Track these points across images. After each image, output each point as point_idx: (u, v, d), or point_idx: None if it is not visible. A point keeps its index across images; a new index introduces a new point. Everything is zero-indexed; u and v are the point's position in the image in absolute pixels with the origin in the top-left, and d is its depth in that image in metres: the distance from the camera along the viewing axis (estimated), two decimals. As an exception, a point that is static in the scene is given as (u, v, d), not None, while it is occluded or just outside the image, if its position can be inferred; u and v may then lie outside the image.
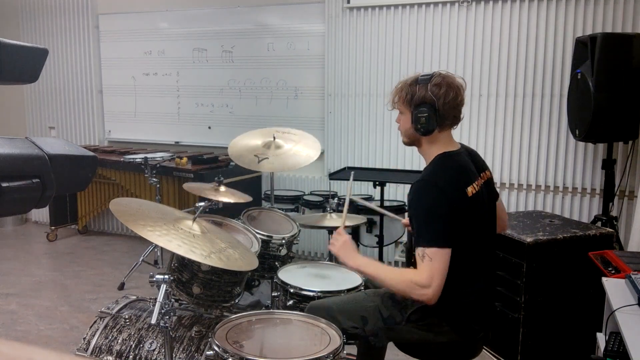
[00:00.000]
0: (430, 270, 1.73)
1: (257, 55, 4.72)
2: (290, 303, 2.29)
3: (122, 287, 4.00)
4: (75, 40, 5.47)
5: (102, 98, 5.50)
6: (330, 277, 2.51)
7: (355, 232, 3.78)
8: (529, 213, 3.25)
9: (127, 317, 2.11)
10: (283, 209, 3.43)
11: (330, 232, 3.30)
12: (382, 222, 3.54)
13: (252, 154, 3.11)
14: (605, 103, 3.15)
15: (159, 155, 4.31)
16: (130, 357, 2.00)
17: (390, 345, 2.07)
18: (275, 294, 2.42)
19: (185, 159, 4.39)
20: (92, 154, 1.03)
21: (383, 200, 3.53)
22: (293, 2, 4.54)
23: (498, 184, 2.04)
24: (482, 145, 4.04)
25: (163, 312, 1.74)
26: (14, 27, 5.67)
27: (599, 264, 2.41)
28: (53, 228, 5.26)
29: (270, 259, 2.78)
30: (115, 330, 2.08)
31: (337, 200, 3.65)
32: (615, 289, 2.04)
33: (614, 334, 1.87)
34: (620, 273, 2.23)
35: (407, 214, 2.04)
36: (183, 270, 2.12)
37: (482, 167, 2.01)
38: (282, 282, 2.36)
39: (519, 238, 2.71)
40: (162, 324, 1.76)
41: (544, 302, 2.75)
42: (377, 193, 3.80)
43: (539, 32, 3.83)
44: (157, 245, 4.05)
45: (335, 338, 1.76)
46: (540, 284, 2.73)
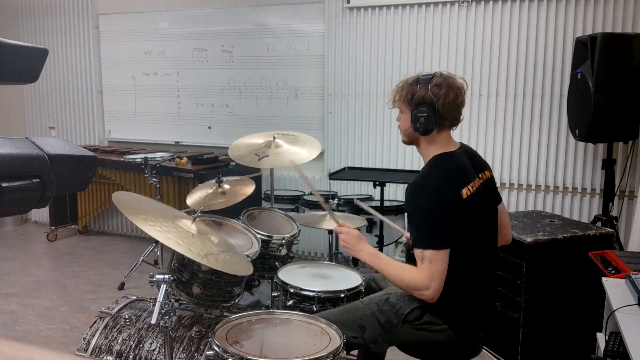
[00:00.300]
0: (429, 272, 1.78)
1: (257, 55, 4.72)
2: (290, 303, 2.29)
3: (122, 287, 4.00)
4: (75, 40, 5.47)
5: (102, 98, 5.50)
6: (330, 277, 2.51)
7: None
8: (529, 213, 3.25)
9: (127, 317, 2.11)
10: (283, 209, 3.43)
11: (330, 232, 3.30)
12: (382, 222, 3.54)
13: (252, 153, 3.11)
14: (605, 103, 3.15)
15: (159, 155, 4.31)
16: (130, 357, 2.00)
17: (391, 346, 2.07)
18: (275, 294, 2.42)
19: (185, 159, 4.40)
20: (92, 154, 1.03)
21: (383, 200, 3.53)
22: (293, 2, 4.54)
23: (498, 184, 2.03)
24: (482, 145, 4.05)
25: (163, 312, 1.74)
26: (14, 27, 5.68)
27: (599, 264, 2.41)
28: (53, 228, 5.26)
29: (270, 259, 2.78)
30: (115, 330, 2.08)
31: (337, 200, 3.65)
32: (615, 289, 2.04)
33: (614, 334, 1.87)
34: (620, 273, 2.23)
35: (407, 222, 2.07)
36: (183, 270, 2.12)
37: (481, 167, 2.00)
38: (282, 282, 2.36)
39: (519, 238, 2.71)
40: (162, 324, 1.76)
41: (544, 302, 2.75)
42: (377, 193, 3.80)
43: (539, 32, 3.83)
44: (156, 245, 4.05)
45: (335, 338, 1.76)
46: (540, 284, 2.73)
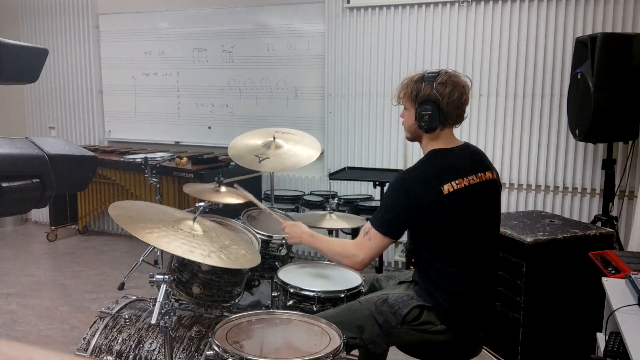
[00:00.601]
0: (364, 245, 1.92)
1: (257, 55, 4.72)
2: (290, 303, 2.28)
3: (122, 287, 4.00)
4: (75, 40, 5.47)
5: (102, 98, 5.50)
6: (330, 277, 2.51)
7: (355, 232, 3.78)
8: (529, 213, 3.25)
9: (127, 317, 2.11)
10: (283, 209, 3.43)
11: (330, 232, 3.30)
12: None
13: (252, 154, 3.11)
14: (605, 103, 3.15)
15: (159, 155, 4.31)
16: (130, 357, 2.00)
17: (391, 346, 2.07)
18: (275, 294, 2.42)
19: (185, 159, 4.39)
20: (92, 154, 1.03)
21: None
22: (293, 2, 4.54)
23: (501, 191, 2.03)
24: (482, 145, 4.04)
25: (163, 312, 1.74)
26: (14, 27, 5.68)
27: (599, 264, 2.41)
28: (53, 228, 5.26)
29: (270, 259, 2.78)
30: (115, 330, 2.08)
31: (337, 200, 3.65)
32: (615, 289, 2.04)
33: (614, 334, 1.87)
34: (620, 273, 2.23)
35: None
36: (183, 270, 2.12)
37: (481, 167, 1.98)
38: (282, 282, 2.36)
39: (519, 238, 2.71)
40: (162, 324, 1.76)
41: (544, 302, 2.75)
42: (377, 193, 3.81)
43: (539, 32, 3.83)
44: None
45: (335, 338, 1.76)
46: (540, 284, 2.73)
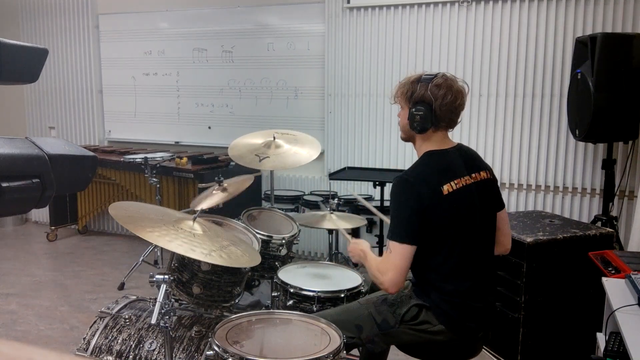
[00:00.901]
0: (387, 262, 1.85)
1: (257, 55, 4.72)
2: (290, 303, 2.29)
3: (122, 287, 4.00)
4: (75, 40, 5.47)
5: (102, 98, 5.50)
6: (330, 277, 2.51)
7: (355, 232, 3.78)
8: (529, 213, 3.25)
9: (127, 317, 2.11)
10: (283, 209, 3.43)
11: (330, 232, 3.30)
12: (382, 222, 3.54)
13: (252, 154, 3.11)
14: (605, 103, 3.15)
15: (159, 155, 4.31)
16: (130, 357, 2.00)
17: (391, 346, 2.07)
18: (275, 294, 2.42)
19: (185, 159, 4.39)
20: (92, 154, 1.03)
21: (383, 200, 3.53)
22: (293, 2, 4.54)
23: (498, 184, 2.02)
24: (482, 145, 4.05)
25: (163, 312, 1.74)
26: (14, 27, 5.67)
27: (599, 264, 2.41)
28: (53, 228, 5.26)
29: (270, 259, 2.78)
30: (115, 330, 2.08)
31: (337, 201, 3.65)
32: (615, 289, 2.04)
33: (614, 334, 1.87)
34: (620, 273, 2.23)
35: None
36: (183, 270, 2.12)
37: (476, 167, 1.98)
38: (282, 282, 2.36)
39: (519, 238, 2.71)
40: (162, 324, 1.76)
41: (544, 302, 2.75)
42: (377, 193, 3.81)
43: (539, 32, 3.83)
44: (157, 246, 4.05)
45: (335, 338, 1.76)
46: (540, 284, 2.73)
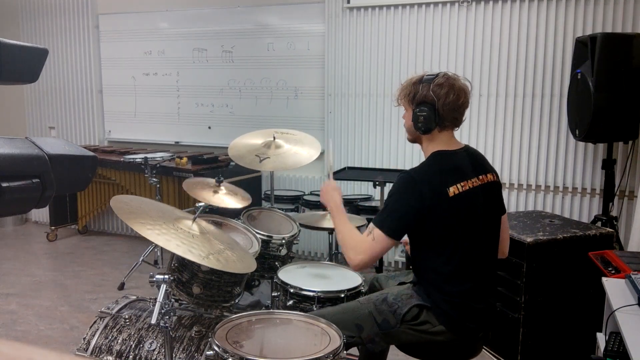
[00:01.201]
0: (366, 246, 1.88)
1: (257, 55, 4.72)
2: (290, 303, 2.29)
3: (122, 287, 4.00)
4: (75, 40, 5.47)
5: (102, 98, 5.50)
6: (330, 277, 2.51)
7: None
8: (529, 213, 3.25)
9: (127, 317, 2.11)
10: (283, 209, 3.43)
11: (330, 232, 3.30)
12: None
13: (252, 154, 3.11)
14: (605, 103, 3.15)
15: (159, 155, 4.31)
16: (130, 357, 2.00)
17: (391, 345, 2.07)
18: (275, 294, 2.42)
19: (185, 159, 4.39)
20: (92, 154, 1.03)
21: (383, 200, 3.53)
22: (293, 2, 4.54)
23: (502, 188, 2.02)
24: (482, 145, 4.05)
25: (163, 312, 1.74)
26: (14, 27, 5.68)
27: (599, 264, 2.41)
28: (53, 228, 5.26)
29: (270, 259, 2.78)
30: (115, 330, 2.08)
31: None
32: (615, 289, 2.04)
33: (614, 334, 1.87)
34: (620, 273, 2.23)
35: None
36: (183, 270, 2.12)
37: (482, 169, 1.98)
38: (282, 282, 2.36)
39: (519, 238, 2.71)
40: (162, 324, 1.75)
41: (544, 302, 2.75)
42: (377, 193, 3.81)
43: (539, 32, 3.83)
44: (157, 245, 4.05)
45: (335, 338, 1.76)
46: (540, 284, 2.73)
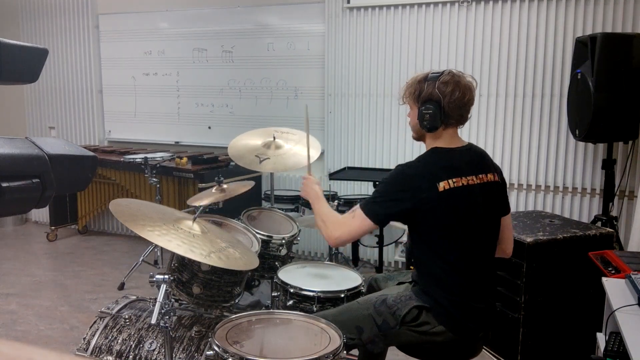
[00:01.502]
0: (347, 223, 1.92)
1: (257, 55, 4.72)
2: (290, 303, 2.29)
3: (122, 287, 4.00)
4: (75, 40, 5.47)
5: (102, 98, 5.50)
6: (330, 277, 2.51)
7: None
8: (529, 213, 3.25)
9: (127, 317, 2.11)
10: (283, 209, 3.43)
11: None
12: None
13: (252, 155, 3.11)
14: (605, 103, 3.15)
15: (159, 155, 4.31)
16: (130, 357, 2.00)
17: (391, 346, 2.07)
18: (275, 294, 2.42)
19: (185, 159, 4.40)
20: (92, 154, 1.03)
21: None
22: (293, 2, 4.54)
23: (507, 188, 2.01)
24: (482, 145, 4.00)
25: (163, 312, 1.74)
26: (14, 27, 5.68)
27: (599, 264, 2.41)
28: (53, 228, 5.26)
29: (270, 259, 2.78)
30: (115, 330, 2.08)
31: (337, 202, 3.65)
32: (615, 289, 2.04)
33: (614, 334, 1.87)
34: (620, 273, 2.23)
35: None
36: (183, 270, 2.12)
37: (483, 169, 1.97)
38: (282, 282, 2.36)
39: (519, 238, 2.71)
40: (162, 324, 1.76)
41: (544, 302, 2.75)
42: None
43: (539, 32, 3.83)
44: (157, 245, 4.05)
45: (335, 338, 1.76)
46: (540, 284, 2.73)
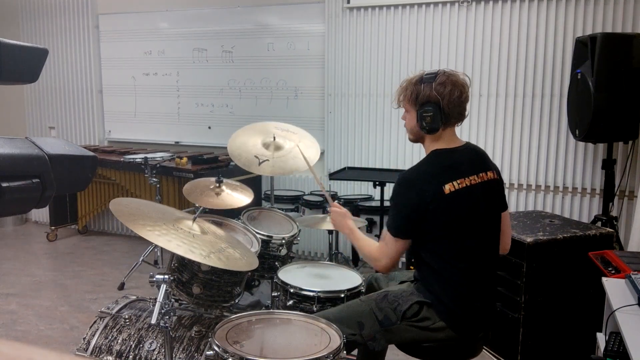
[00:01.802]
0: (383, 250, 1.99)
1: (257, 55, 4.72)
2: (290, 303, 2.29)
3: (122, 287, 4.00)
4: (75, 40, 5.47)
5: (102, 98, 5.50)
6: (330, 277, 2.51)
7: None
8: (529, 213, 3.25)
9: (127, 317, 2.11)
10: (283, 209, 3.43)
11: (330, 232, 3.30)
12: (382, 221, 3.54)
13: (251, 155, 3.10)
14: (605, 103, 3.15)
15: (159, 155, 4.31)
16: (130, 357, 2.00)
17: (391, 345, 2.07)
18: (275, 294, 2.42)
19: (185, 159, 4.39)
20: (92, 154, 1.03)
21: (383, 200, 3.53)
22: (293, 2, 4.54)
23: (504, 185, 2.03)
24: (482, 145, 4.03)
25: (163, 312, 1.74)
26: (14, 27, 5.67)
27: (599, 264, 2.41)
28: (53, 228, 5.26)
29: (270, 259, 2.78)
30: (115, 330, 2.08)
31: (337, 202, 3.65)
32: (615, 289, 2.04)
33: (614, 334, 1.87)
34: (620, 273, 2.23)
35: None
36: (183, 270, 2.12)
37: (482, 167, 1.98)
38: (282, 282, 2.36)
39: (519, 238, 2.71)
40: (162, 324, 1.75)
41: (544, 302, 2.75)
42: (377, 193, 3.81)
43: (539, 32, 3.83)
44: (157, 245, 4.05)
45: (335, 338, 1.76)
46: (540, 284, 2.73)
